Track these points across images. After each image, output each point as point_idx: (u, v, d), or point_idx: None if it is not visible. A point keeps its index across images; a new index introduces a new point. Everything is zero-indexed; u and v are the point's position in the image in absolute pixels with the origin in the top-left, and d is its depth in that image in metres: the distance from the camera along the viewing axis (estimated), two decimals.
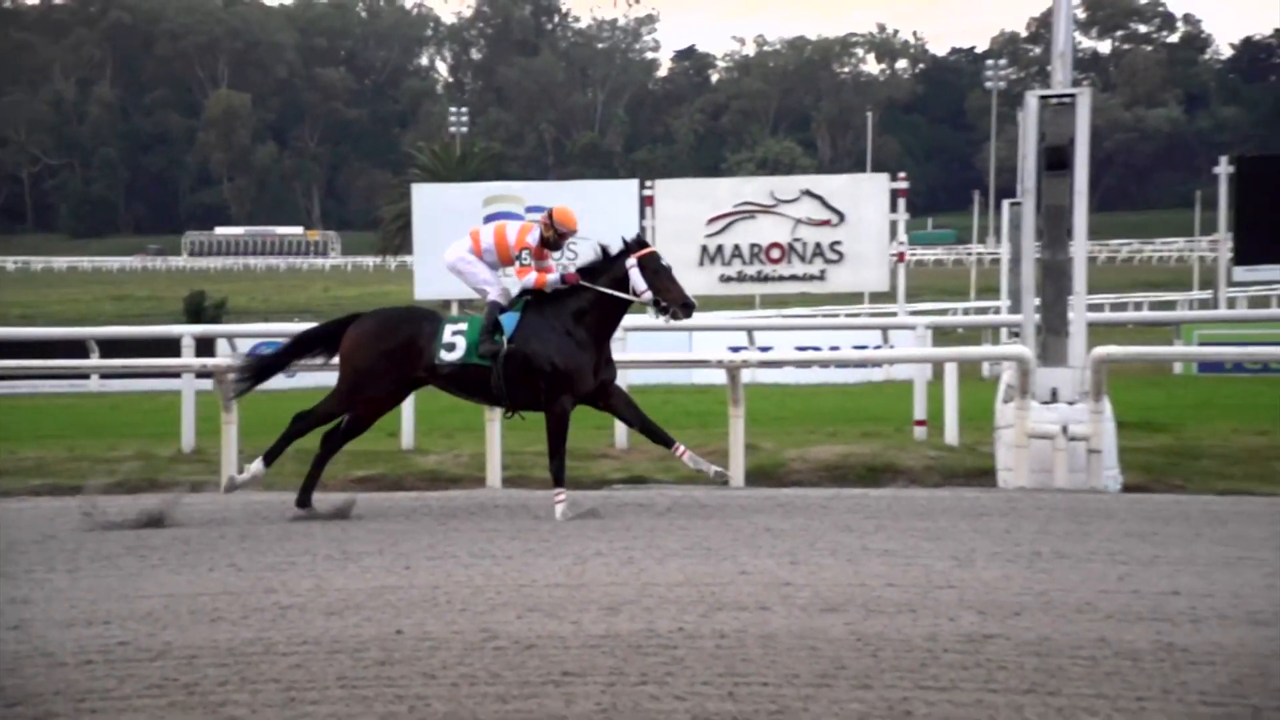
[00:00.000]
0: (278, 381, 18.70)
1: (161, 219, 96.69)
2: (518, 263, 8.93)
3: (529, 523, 8.51)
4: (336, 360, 9.13)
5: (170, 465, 11.75)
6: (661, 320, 8.97)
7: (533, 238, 8.92)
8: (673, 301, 8.76)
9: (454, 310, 19.18)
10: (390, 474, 11.28)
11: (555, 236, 8.94)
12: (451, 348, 8.75)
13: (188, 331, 13.86)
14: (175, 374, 13.54)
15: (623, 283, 8.77)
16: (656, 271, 8.81)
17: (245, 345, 19.80)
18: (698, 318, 17.02)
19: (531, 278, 8.85)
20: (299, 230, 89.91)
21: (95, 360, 15.00)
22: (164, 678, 5.34)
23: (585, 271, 8.89)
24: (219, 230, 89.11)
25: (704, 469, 8.80)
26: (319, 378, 17.97)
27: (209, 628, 6.01)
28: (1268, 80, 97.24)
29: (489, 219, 18.01)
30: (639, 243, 9.02)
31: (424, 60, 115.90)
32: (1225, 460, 10.95)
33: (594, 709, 4.93)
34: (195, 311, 38.75)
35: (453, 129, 69.28)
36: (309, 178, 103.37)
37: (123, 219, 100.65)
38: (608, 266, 8.85)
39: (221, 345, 18.39)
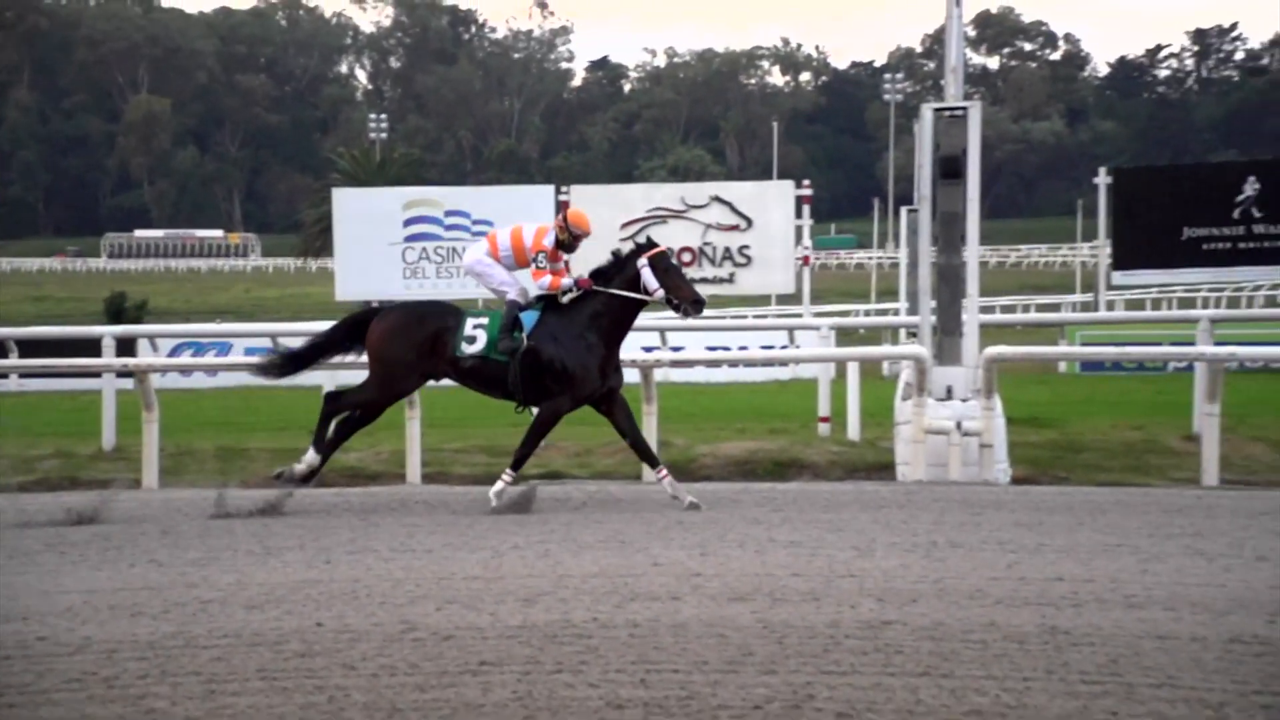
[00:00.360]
0: (199, 380, 18.35)
1: (82, 222, 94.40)
2: (533, 265, 8.88)
3: (448, 517, 8.46)
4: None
5: (91, 463, 11.50)
6: (677, 317, 9.06)
7: (548, 241, 8.89)
8: (684, 299, 8.81)
9: None
10: None
11: (570, 239, 8.95)
12: (472, 341, 8.73)
13: (108, 332, 13.58)
14: (96, 374, 13.26)
15: (635, 282, 8.77)
16: (667, 270, 8.84)
17: (166, 346, 19.51)
18: None
19: (546, 280, 8.84)
20: (219, 233, 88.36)
21: (15, 360, 14.62)
22: (83, 672, 5.23)
23: (598, 275, 8.89)
24: (139, 233, 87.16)
25: (680, 496, 8.74)
26: (239, 377, 17.72)
27: (129, 622, 5.89)
28: (1141, 96, 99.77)
29: (409, 222, 17.93)
30: (649, 243, 9.03)
31: (344, 68, 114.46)
32: (1105, 454, 11.19)
33: (510, 697, 4.92)
34: (116, 312, 37.97)
35: (372, 135, 68.57)
36: (230, 182, 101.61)
37: (42, 221, 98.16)
38: (620, 269, 8.86)
39: (143, 345, 18.07)
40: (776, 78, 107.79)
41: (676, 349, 16.19)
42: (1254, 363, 15.83)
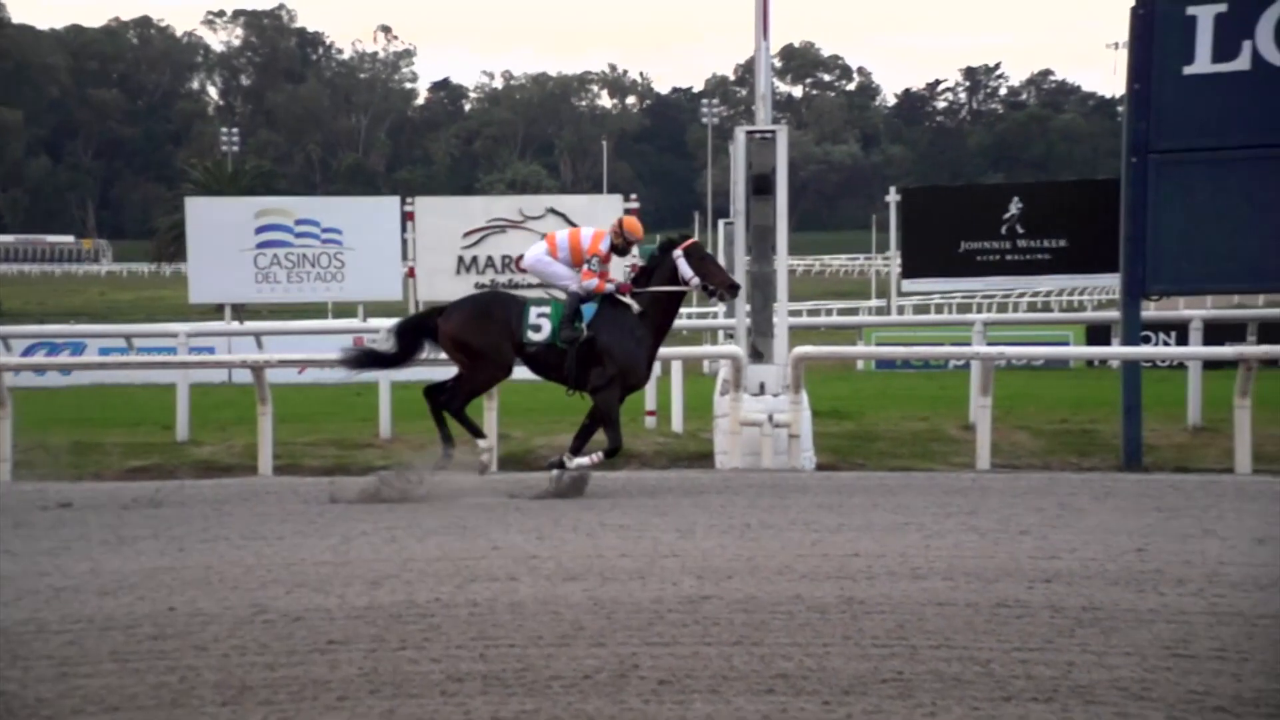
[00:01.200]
0: (54, 379, 17.49)
1: None
2: (585, 266, 8.77)
3: (298, 506, 8.24)
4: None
5: None
6: (713, 301, 9.16)
7: (604, 245, 8.82)
8: (719, 285, 8.80)
9: (227, 315, 18.53)
10: (165, 464, 10.74)
11: (624, 244, 8.91)
12: (537, 329, 8.65)
13: None
14: None
15: (673, 274, 8.73)
16: (701, 259, 8.82)
17: (20, 346, 18.55)
18: None
19: (593, 283, 8.75)
20: (70, 238, 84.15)
21: None
22: None
23: (638, 276, 8.85)
24: None
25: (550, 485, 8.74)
26: (93, 375, 16.97)
27: None
28: (923, 125, 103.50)
29: (260, 230, 17.46)
30: (682, 236, 9.00)
31: (195, 84, 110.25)
32: (896, 442, 11.50)
33: (356, 674, 4.82)
34: None
35: (224, 148, 66.48)
36: (84, 190, 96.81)
37: None
38: (658, 265, 8.81)
39: None
40: (605, 100, 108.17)
41: None
42: (1019, 361, 16.60)
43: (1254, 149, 9.93)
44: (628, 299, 8.80)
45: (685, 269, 8.76)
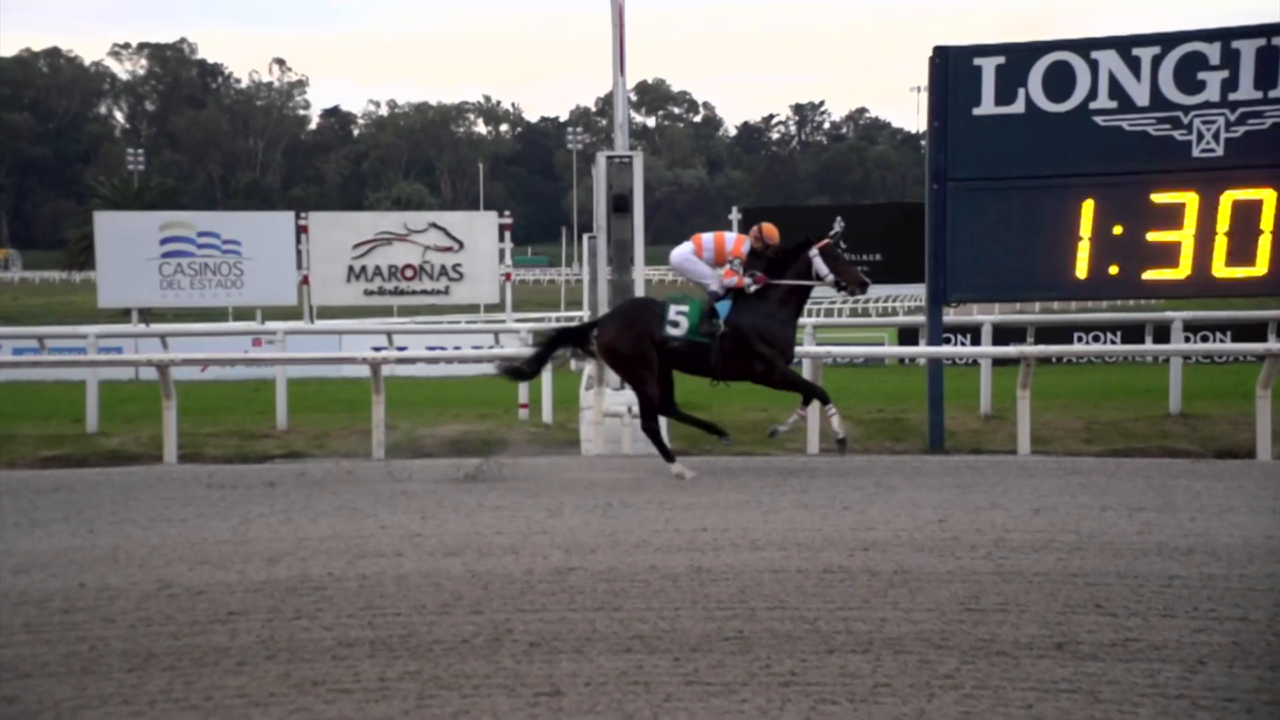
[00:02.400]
0: None
1: None
2: (728, 265, 8.65)
3: (202, 491, 7.97)
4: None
5: None
6: (841, 296, 9.03)
7: (745, 248, 8.68)
8: (851, 281, 8.66)
9: (134, 318, 17.80)
10: (75, 453, 10.25)
11: (763, 247, 8.74)
12: (676, 325, 8.49)
13: None
14: None
15: (806, 269, 8.61)
16: (835, 259, 8.71)
17: None
18: (346, 323, 16.49)
19: (733, 280, 8.63)
20: None
21: None
22: None
23: (771, 268, 8.67)
24: None
25: (838, 430, 8.73)
26: (5, 374, 16.12)
27: None
28: (760, 153, 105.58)
29: (165, 241, 16.88)
30: (817, 237, 8.84)
31: (103, 109, 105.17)
32: (740, 430, 11.64)
33: (254, 641, 4.70)
34: None
35: (130, 166, 63.73)
36: None
37: None
38: (793, 260, 8.66)
39: None
40: (481, 127, 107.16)
41: (402, 349, 15.88)
42: (843, 359, 17.03)
43: (1028, 179, 10.39)
44: (752, 288, 8.75)
45: (821, 266, 8.70)
